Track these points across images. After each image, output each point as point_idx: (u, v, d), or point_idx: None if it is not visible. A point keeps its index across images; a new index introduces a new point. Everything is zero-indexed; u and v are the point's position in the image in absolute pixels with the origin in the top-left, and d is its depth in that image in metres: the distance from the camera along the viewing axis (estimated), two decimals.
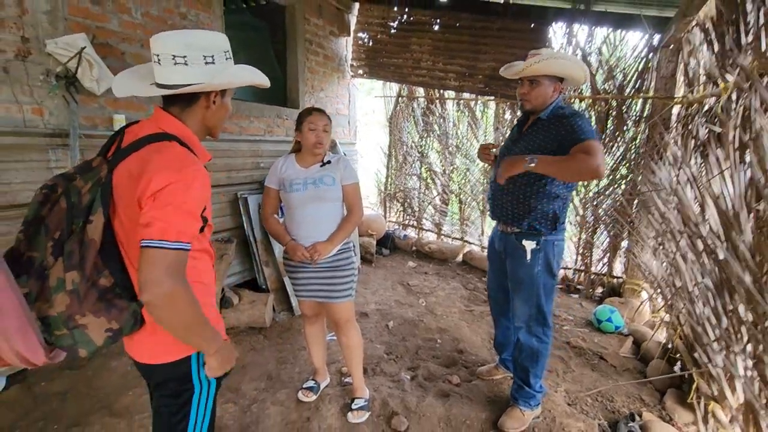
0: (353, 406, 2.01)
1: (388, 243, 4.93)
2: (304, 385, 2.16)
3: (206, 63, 0.94)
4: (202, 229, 1.00)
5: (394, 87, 5.18)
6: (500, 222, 2.00)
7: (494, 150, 2.01)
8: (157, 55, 0.93)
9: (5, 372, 2.04)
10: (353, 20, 4.64)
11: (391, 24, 4.50)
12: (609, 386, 2.34)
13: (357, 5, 4.60)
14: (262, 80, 1.08)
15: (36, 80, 2.02)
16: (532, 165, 1.61)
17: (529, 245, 1.84)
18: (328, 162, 1.88)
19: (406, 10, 4.35)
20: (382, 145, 5.53)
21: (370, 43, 4.67)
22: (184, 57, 0.92)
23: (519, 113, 2.84)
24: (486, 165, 3.97)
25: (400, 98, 5.14)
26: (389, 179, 5.45)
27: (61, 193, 0.89)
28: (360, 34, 4.69)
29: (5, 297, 0.78)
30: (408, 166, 5.28)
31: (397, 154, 5.33)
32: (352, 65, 4.75)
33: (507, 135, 2.16)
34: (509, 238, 1.93)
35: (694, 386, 2.05)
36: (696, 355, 2.07)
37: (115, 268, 0.91)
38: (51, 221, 0.88)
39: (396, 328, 3.01)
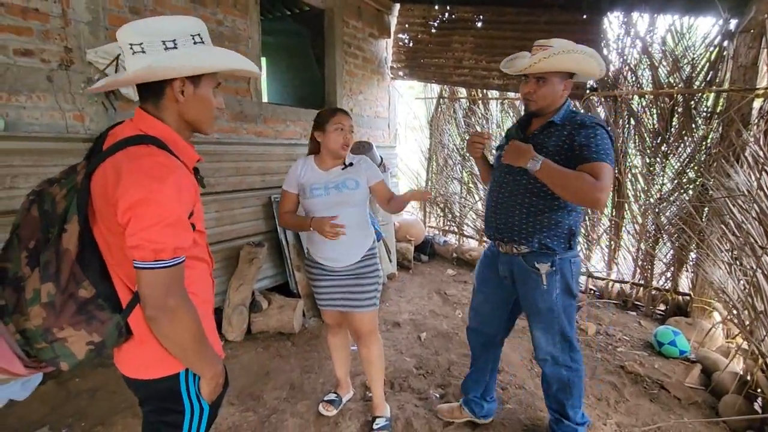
0: (374, 426, 1.89)
1: (426, 249, 4.76)
2: (326, 398, 2.07)
3: (166, 48, 0.85)
4: None
5: (435, 88, 5.03)
6: (503, 241, 1.70)
7: (488, 142, 1.75)
8: (120, 48, 0.86)
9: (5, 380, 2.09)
10: (393, 21, 4.55)
11: (432, 23, 4.35)
12: (671, 423, 2.02)
13: (397, 6, 4.51)
14: (243, 65, 0.94)
15: (78, 88, 2.11)
16: (536, 168, 1.43)
17: (543, 268, 1.60)
18: (350, 164, 1.78)
19: (448, 8, 4.19)
20: (423, 148, 5.38)
21: (411, 44, 4.55)
22: (141, 44, 0.84)
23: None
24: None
25: (441, 99, 4.97)
26: (429, 183, 5.28)
27: (34, 202, 0.86)
28: (400, 35, 4.59)
29: None
30: (449, 170, 5.08)
31: (437, 158, 5.16)
32: (392, 67, 4.66)
33: (503, 135, 1.87)
34: (516, 260, 1.66)
35: None
36: None
37: (95, 278, 0.85)
38: (23, 231, 0.84)
39: (429, 341, 2.84)
